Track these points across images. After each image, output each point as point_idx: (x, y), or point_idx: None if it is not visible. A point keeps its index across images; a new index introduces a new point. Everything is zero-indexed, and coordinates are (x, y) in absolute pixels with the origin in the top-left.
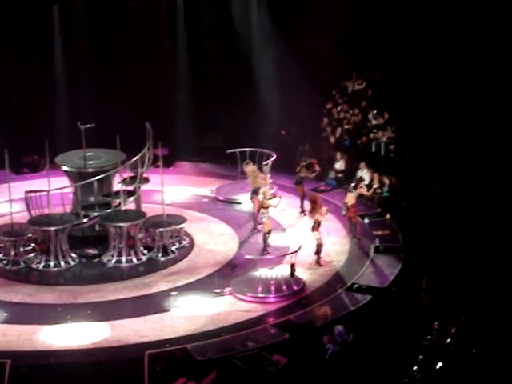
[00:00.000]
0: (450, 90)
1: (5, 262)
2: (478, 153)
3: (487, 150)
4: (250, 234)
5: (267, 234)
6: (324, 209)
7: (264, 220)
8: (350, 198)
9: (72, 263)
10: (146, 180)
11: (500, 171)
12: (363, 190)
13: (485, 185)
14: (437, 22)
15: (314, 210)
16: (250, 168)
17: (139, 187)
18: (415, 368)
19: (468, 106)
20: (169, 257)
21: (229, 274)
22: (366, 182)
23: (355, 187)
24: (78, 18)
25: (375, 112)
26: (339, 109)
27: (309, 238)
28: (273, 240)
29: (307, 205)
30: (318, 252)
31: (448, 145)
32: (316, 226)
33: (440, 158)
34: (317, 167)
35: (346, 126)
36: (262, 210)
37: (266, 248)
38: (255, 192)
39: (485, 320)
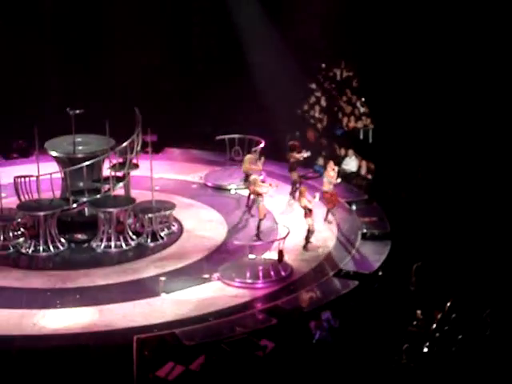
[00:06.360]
0: (436, 78)
1: None
2: (465, 140)
3: (474, 136)
4: (239, 220)
5: (262, 220)
6: (316, 194)
7: (259, 206)
8: (324, 184)
9: (61, 248)
10: (136, 166)
11: (487, 158)
12: (330, 175)
13: (472, 172)
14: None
15: (300, 196)
16: (247, 156)
17: (128, 173)
18: (401, 353)
19: (454, 92)
20: (158, 242)
21: (217, 259)
22: (354, 168)
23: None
24: (68, 1)
25: (363, 100)
26: (327, 96)
27: (297, 224)
28: (261, 226)
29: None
30: (307, 238)
31: (434, 132)
32: (307, 213)
33: (427, 146)
34: (302, 153)
35: (335, 114)
36: (254, 196)
37: (258, 234)
38: (247, 177)
39: (471, 306)
